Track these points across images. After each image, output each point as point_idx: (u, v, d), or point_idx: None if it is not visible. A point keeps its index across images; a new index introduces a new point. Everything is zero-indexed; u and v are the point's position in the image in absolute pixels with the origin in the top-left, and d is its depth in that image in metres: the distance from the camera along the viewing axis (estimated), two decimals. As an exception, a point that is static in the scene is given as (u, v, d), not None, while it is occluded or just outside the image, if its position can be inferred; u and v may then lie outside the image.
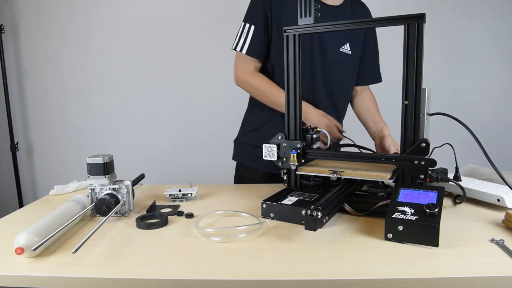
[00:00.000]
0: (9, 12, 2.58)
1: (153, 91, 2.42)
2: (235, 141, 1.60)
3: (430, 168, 0.96)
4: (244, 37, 1.38)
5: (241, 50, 1.38)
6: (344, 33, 1.42)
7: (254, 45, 1.37)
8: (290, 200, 1.03)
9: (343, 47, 1.42)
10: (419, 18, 0.91)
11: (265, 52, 1.40)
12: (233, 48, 1.41)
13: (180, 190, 1.18)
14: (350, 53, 1.44)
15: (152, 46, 2.49)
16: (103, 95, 2.63)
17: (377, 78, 1.59)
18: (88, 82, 2.63)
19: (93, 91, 2.64)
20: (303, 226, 0.86)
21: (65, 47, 2.61)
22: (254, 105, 1.51)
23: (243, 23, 1.39)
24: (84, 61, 2.62)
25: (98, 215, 1.05)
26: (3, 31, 2.53)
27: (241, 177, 1.57)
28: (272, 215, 1.00)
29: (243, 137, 1.56)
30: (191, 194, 1.19)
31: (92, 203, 1.05)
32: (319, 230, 0.87)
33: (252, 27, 1.37)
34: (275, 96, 1.36)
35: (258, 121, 1.50)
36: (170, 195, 1.18)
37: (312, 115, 1.31)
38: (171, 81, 2.55)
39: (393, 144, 1.32)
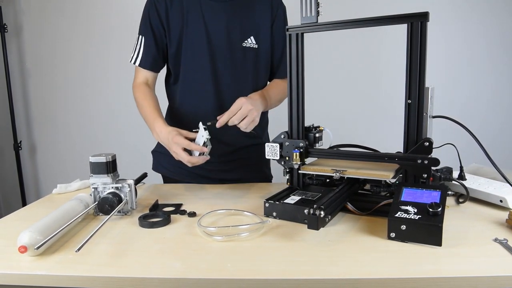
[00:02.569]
0: (12, 11, 2.59)
1: (157, 90, 2.41)
2: (152, 152, 1.53)
3: (434, 168, 0.95)
4: (137, 49, 1.35)
5: (134, 63, 1.36)
6: (247, 26, 1.33)
7: (144, 56, 1.34)
8: (292, 199, 1.03)
9: (246, 41, 1.33)
10: (423, 17, 0.91)
11: (161, 60, 1.37)
12: (130, 61, 1.38)
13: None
14: (256, 46, 1.35)
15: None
16: (106, 94, 2.64)
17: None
18: (91, 81, 2.64)
19: (96, 90, 2.65)
20: (306, 225, 0.86)
21: (68, 46, 2.61)
22: (166, 114, 1.48)
23: (138, 36, 1.36)
24: (87, 60, 2.62)
25: (101, 214, 1.05)
26: (6, 30, 2.53)
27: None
28: (274, 214, 1.00)
29: (160, 145, 1.41)
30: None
31: (95, 201, 1.05)
32: (321, 229, 0.86)
33: (143, 38, 1.34)
34: (143, 110, 1.31)
35: None
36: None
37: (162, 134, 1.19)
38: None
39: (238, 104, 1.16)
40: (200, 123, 1.12)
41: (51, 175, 2.79)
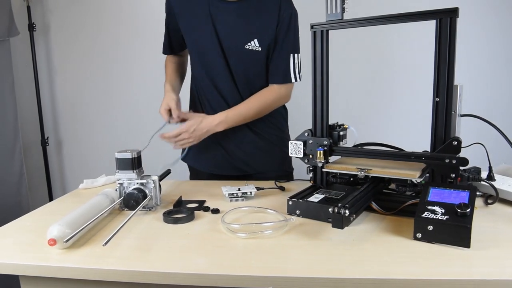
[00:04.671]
0: (40, 11, 2.65)
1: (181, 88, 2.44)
2: None
3: (462, 167, 0.93)
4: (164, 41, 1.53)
5: (163, 52, 1.56)
6: (252, 28, 1.34)
7: (165, 44, 1.54)
8: (316, 197, 1.02)
9: (249, 44, 1.33)
10: (452, 13, 0.88)
11: (177, 46, 1.53)
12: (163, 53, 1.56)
13: (239, 189, 1.16)
14: (259, 49, 1.35)
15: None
16: (131, 91, 2.67)
17: (283, 77, 1.39)
18: (116, 79, 2.68)
19: (121, 87, 2.69)
20: (330, 224, 0.86)
21: (94, 44, 2.66)
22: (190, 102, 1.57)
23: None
24: (112, 58, 2.66)
25: (126, 209, 1.07)
26: (35, 29, 2.60)
27: (191, 178, 1.59)
28: (298, 212, 1.00)
29: None
30: (251, 192, 1.16)
31: (120, 197, 1.07)
32: (345, 228, 0.86)
33: (165, 30, 1.50)
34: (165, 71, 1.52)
35: None
36: (229, 194, 1.14)
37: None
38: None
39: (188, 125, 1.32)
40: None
41: (76, 170, 2.85)
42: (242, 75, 1.38)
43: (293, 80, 1.40)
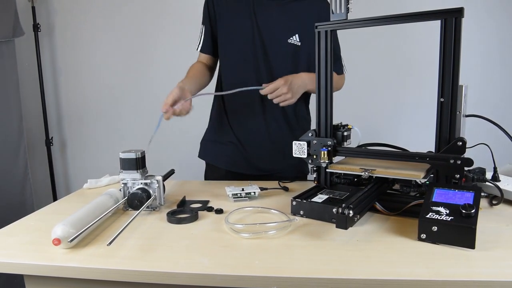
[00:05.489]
0: (45, 11, 2.66)
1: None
2: (201, 141, 1.62)
3: (467, 168, 0.93)
4: (200, 37, 1.52)
5: (197, 49, 1.53)
6: (292, 24, 1.41)
7: (204, 42, 1.51)
8: (320, 197, 1.02)
9: (291, 38, 1.40)
10: (457, 13, 0.88)
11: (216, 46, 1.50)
12: (196, 49, 1.53)
13: (243, 189, 1.16)
14: (299, 44, 1.41)
15: (191, 42, 2.52)
16: (136, 92, 2.68)
17: (336, 70, 1.49)
18: (120, 79, 2.69)
19: (126, 88, 2.69)
20: (333, 224, 0.85)
21: (99, 45, 2.67)
22: (213, 101, 1.58)
23: (201, 25, 1.51)
24: (117, 58, 2.67)
25: (130, 209, 1.07)
26: (39, 30, 2.61)
27: (206, 175, 1.60)
28: (302, 212, 0.99)
29: (205, 134, 1.61)
30: (254, 192, 1.16)
31: (124, 197, 1.08)
32: (350, 228, 0.85)
33: (203, 27, 1.50)
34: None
35: (214, 116, 1.57)
36: (233, 194, 1.14)
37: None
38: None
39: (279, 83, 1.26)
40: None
41: (80, 170, 2.86)
42: (281, 70, 1.40)
43: (344, 72, 1.54)
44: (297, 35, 1.41)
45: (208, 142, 1.57)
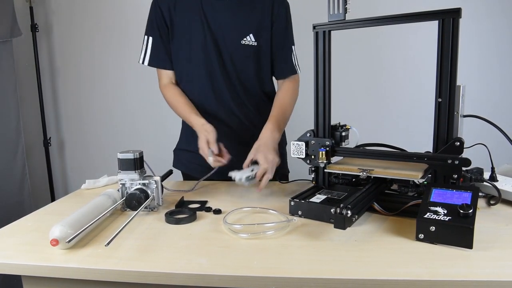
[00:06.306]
0: (43, 12, 2.66)
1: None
2: (174, 150, 1.57)
3: (465, 168, 0.93)
4: (144, 49, 1.41)
5: (143, 62, 1.41)
6: (247, 24, 1.36)
7: (153, 55, 1.39)
8: (318, 198, 1.02)
9: (245, 39, 1.35)
10: (455, 13, 0.88)
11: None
12: (138, 61, 1.43)
13: (252, 170, 1.12)
14: (255, 44, 1.37)
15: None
16: (134, 92, 2.68)
17: (291, 70, 1.44)
18: (118, 80, 2.68)
19: (124, 88, 2.69)
20: (332, 225, 0.85)
21: (97, 45, 2.67)
22: None
23: (144, 36, 1.41)
24: (115, 59, 2.67)
25: (128, 210, 1.07)
26: (37, 30, 2.60)
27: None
28: (300, 212, 0.99)
29: (179, 144, 1.55)
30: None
31: (122, 197, 1.07)
32: (348, 229, 0.86)
33: (150, 38, 1.39)
34: (177, 109, 1.37)
35: (184, 125, 1.50)
36: (246, 178, 1.11)
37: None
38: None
39: (259, 151, 1.17)
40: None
41: (79, 171, 2.85)
42: (237, 72, 1.38)
43: (297, 71, 1.45)
44: (251, 35, 1.36)
45: (180, 151, 1.54)
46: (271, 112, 1.35)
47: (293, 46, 1.45)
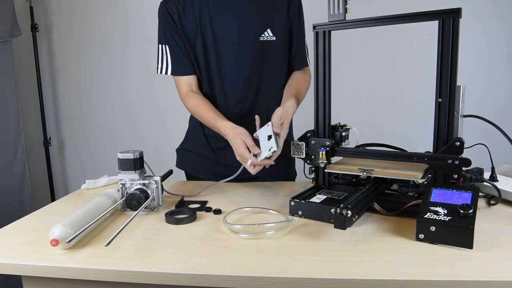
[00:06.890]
0: (43, 12, 2.66)
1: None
2: (177, 149, 1.54)
3: (465, 168, 0.93)
4: (163, 58, 1.36)
5: (166, 73, 1.36)
6: (263, 19, 1.32)
7: (175, 64, 1.34)
8: (318, 198, 1.02)
9: (263, 35, 1.32)
10: (455, 13, 0.88)
11: (193, 61, 1.35)
12: (157, 72, 1.37)
13: (270, 149, 1.05)
14: (274, 39, 1.33)
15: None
16: (134, 92, 2.68)
17: (304, 62, 1.42)
18: (118, 80, 2.69)
19: (124, 88, 2.69)
20: (332, 225, 0.85)
21: (97, 45, 2.67)
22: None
23: (159, 45, 1.36)
24: (114, 59, 2.67)
25: (128, 210, 1.07)
26: (37, 30, 2.60)
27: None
28: (300, 213, 0.99)
29: (184, 144, 1.52)
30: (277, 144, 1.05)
31: (122, 197, 1.07)
32: (348, 229, 0.86)
33: (166, 46, 1.34)
34: (201, 117, 1.32)
35: (192, 125, 1.48)
36: (265, 158, 1.06)
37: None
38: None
39: (278, 117, 1.10)
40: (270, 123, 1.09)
41: (79, 171, 2.85)
42: (257, 70, 1.35)
43: (308, 63, 1.43)
44: (269, 30, 1.32)
45: (185, 152, 1.50)
46: (287, 91, 1.32)
47: (305, 38, 1.42)
